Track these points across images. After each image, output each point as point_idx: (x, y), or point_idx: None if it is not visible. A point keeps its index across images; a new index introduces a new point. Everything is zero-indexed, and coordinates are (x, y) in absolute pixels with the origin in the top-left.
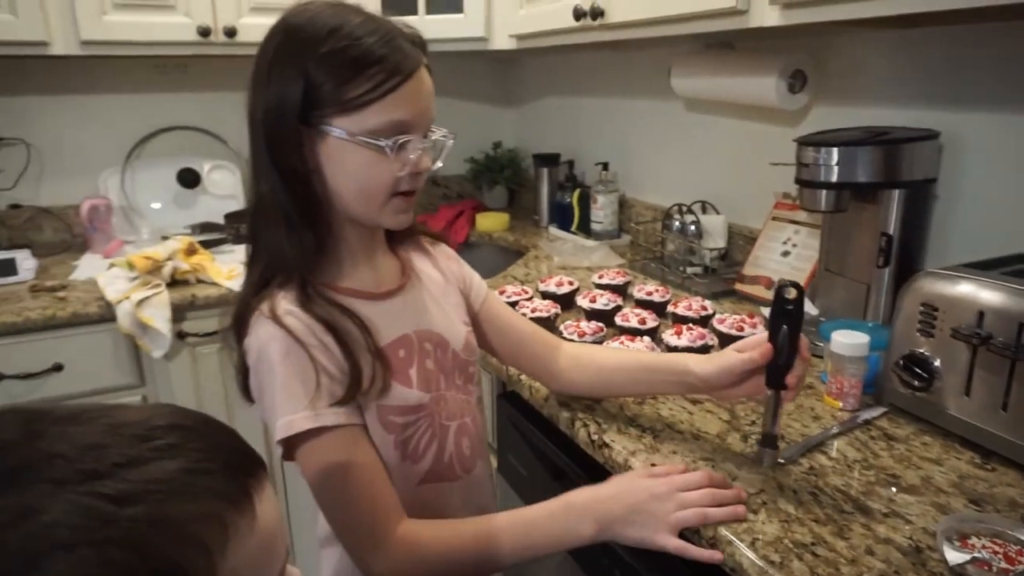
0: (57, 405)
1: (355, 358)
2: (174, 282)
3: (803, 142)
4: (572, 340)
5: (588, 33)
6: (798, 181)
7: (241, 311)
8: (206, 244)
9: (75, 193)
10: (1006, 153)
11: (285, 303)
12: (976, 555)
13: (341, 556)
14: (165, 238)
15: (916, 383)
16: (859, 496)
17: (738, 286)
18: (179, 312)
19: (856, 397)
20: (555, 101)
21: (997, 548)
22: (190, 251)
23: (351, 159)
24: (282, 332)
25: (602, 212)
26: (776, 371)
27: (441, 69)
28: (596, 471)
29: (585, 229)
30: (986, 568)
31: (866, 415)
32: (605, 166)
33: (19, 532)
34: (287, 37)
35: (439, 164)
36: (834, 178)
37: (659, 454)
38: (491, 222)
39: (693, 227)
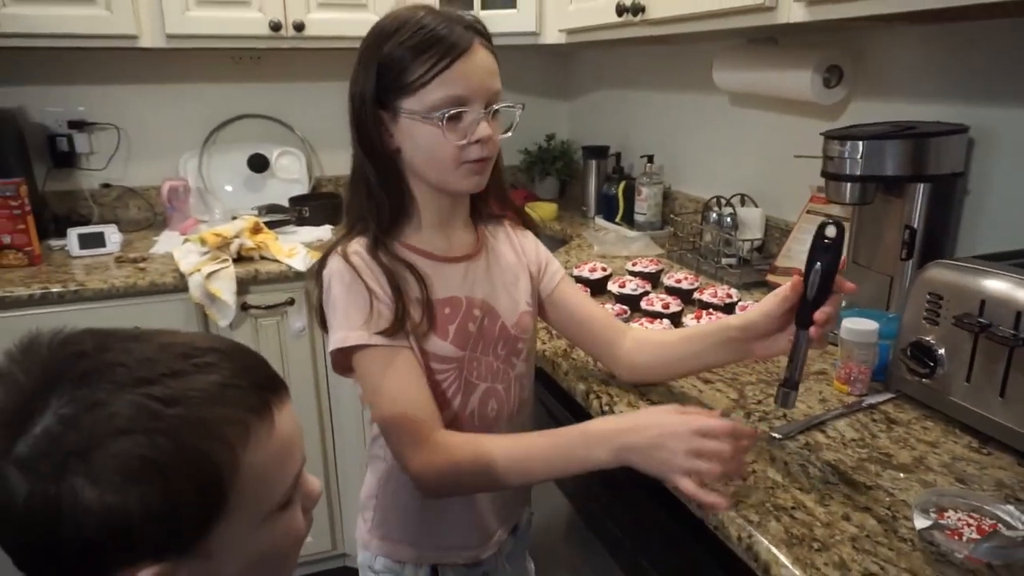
0: (123, 328)
1: (403, 301)
2: (240, 258)
3: (829, 136)
4: None
5: (631, 28)
6: (824, 174)
7: (325, 254)
8: (271, 224)
9: (158, 175)
10: None
11: (356, 246)
12: (943, 523)
13: (381, 471)
14: (234, 218)
15: (921, 370)
16: (848, 471)
17: (770, 277)
18: (243, 285)
19: (864, 382)
20: (606, 94)
21: (971, 521)
22: (256, 230)
23: (420, 134)
24: (347, 266)
25: (646, 204)
26: (804, 307)
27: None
28: None
29: (629, 220)
30: (955, 536)
31: (872, 400)
32: (650, 159)
33: (89, 417)
34: (370, 36)
35: (508, 133)
36: (858, 171)
37: None
38: (540, 211)
39: (729, 219)
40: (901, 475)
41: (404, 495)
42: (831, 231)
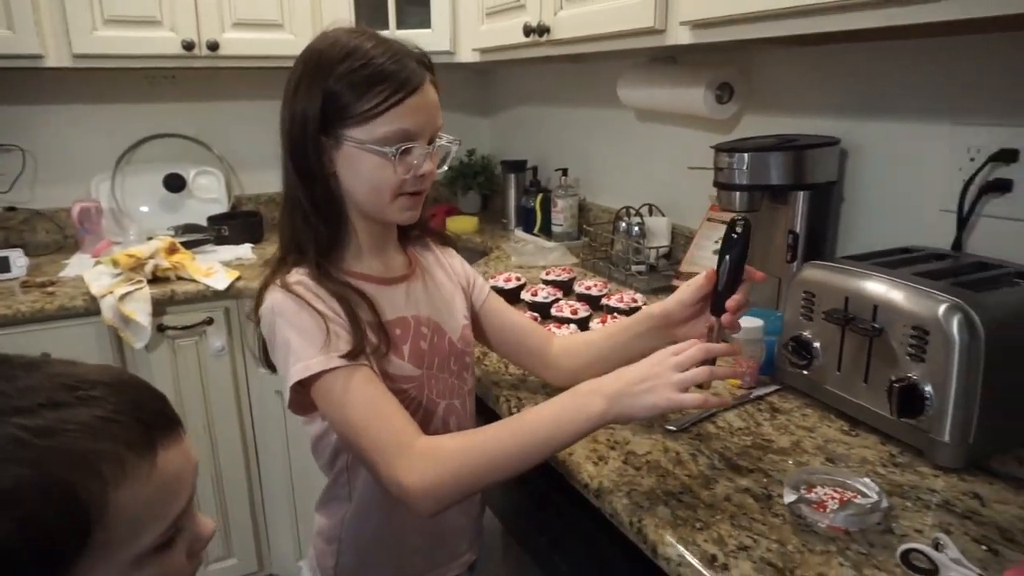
0: (22, 356)
1: (359, 322)
2: (155, 279)
3: (719, 148)
4: None
5: (538, 48)
6: (716, 184)
7: (261, 289)
8: (188, 244)
9: (68, 196)
10: (899, 157)
11: (296, 275)
12: (809, 497)
13: (331, 516)
14: (150, 239)
15: (800, 362)
16: (732, 457)
17: (675, 282)
18: (159, 306)
19: (753, 376)
20: (524, 110)
21: (835, 494)
22: (171, 250)
23: (363, 164)
24: (291, 296)
25: (562, 215)
26: (717, 297)
27: None
28: None
29: (547, 231)
30: (820, 509)
31: (760, 392)
32: (564, 172)
33: None
34: (311, 60)
35: (444, 167)
36: (746, 181)
37: None
38: (461, 225)
39: (638, 228)
40: (779, 459)
41: (375, 531)
42: (738, 227)
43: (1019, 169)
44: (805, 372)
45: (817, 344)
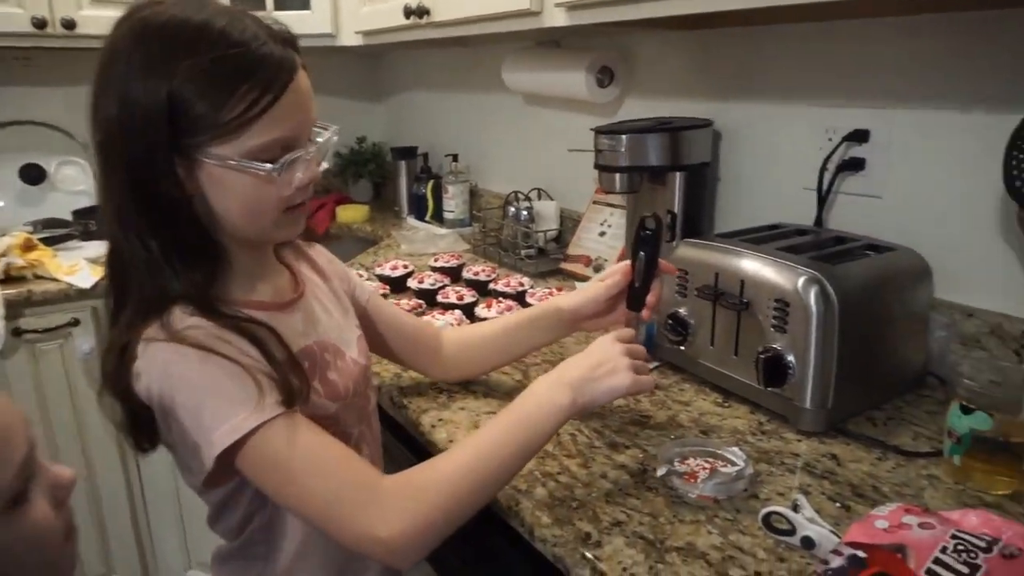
0: None
1: (277, 360)
2: (9, 278)
3: (598, 131)
4: None
5: (419, 31)
6: (597, 166)
7: (117, 356)
8: (51, 240)
9: None
10: (764, 139)
11: (183, 320)
12: (680, 468)
13: (261, 571)
14: (2, 235)
15: (677, 339)
16: (611, 435)
17: (563, 265)
18: (15, 309)
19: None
20: (413, 96)
21: (707, 464)
22: (27, 247)
23: (235, 184)
24: (186, 347)
25: (453, 202)
26: (634, 293)
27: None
28: (409, 437)
29: (439, 218)
30: (691, 480)
31: None
32: (455, 158)
33: None
34: (142, 43)
35: (325, 165)
36: (625, 163)
37: (448, 410)
38: (351, 214)
39: (527, 213)
40: (656, 434)
41: None
42: (650, 223)
43: (870, 148)
44: (682, 348)
45: (692, 320)
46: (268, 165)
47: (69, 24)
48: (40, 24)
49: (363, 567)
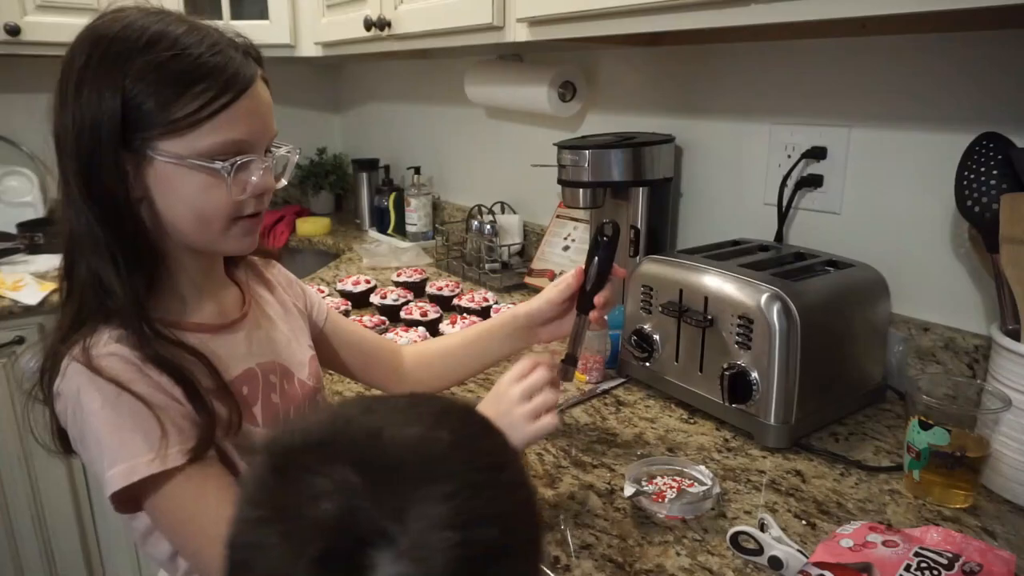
0: None
1: (203, 400)
2: None
3: (561, 146)
4: None
5: (381, 43)
6: (560, 181)
7: (49, 358)
8: None
9: None
10: (725, 155)
11: (107, 345)
12: (648, 488)
13: None
14: None
15: (642, 355)
16: (578, 454)
17: (527, 279)
18: None
19: (599, 371)
20: (375, 107)
21: (674, 483)
22: None
23: (184, 184)
24: (100, 379)
25: (416, 214)
26: (583, 296)
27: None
28: None
29: (401, 231)
30: (659, 499)
31: (606, 386)
32: (417, 170)
33: None
34: (97, 48)
35: (283, 182)
36: (588, 178)
37: None
38: (312, 227)
39: (490, 226)
40: (622, 452)
41: None
42: (608, 230)
43: (827, 165)
44: (647, 364)
45: (657, 336)
46: (218, 164)
47: (13, 30)
48: None
49: None
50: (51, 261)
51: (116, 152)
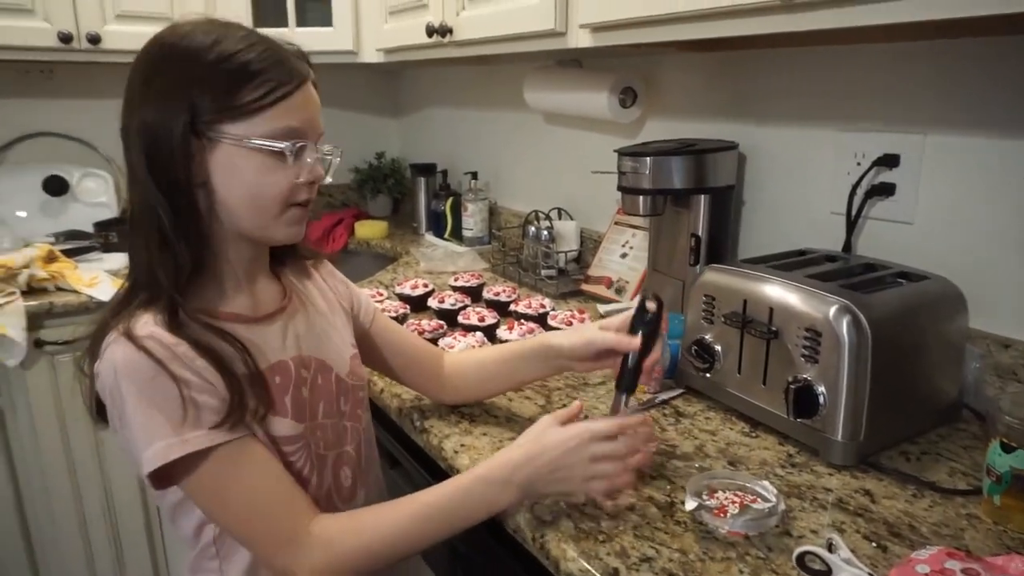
0: None
1: (235, 380)
2: (32, 290)
3: (622, 152)
4: None
5: (442, 49)
6: (620, 188)
7: (98, 331)
8: (72, 252)
9: None
10: (790, 163)
11: (148, 325)
12: (710, 503)
13: None
14: (27, 246)
15: (702, 365)
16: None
17: (584, 286)
18: (36, 320)
19: (658, 381)
20: (433, 112)
21: (736, 498)
22: (50, 258)
23: (245, 166)
24: (140, 355)
25: (472, 219)
26: (626, 373)
27: (324, 80)
28: (422, 455)
29: (457, 236)
30: (721, 514)
31: (664, 396)
32: (474, 175)
33: None
34: (164, 52)
35: (329, 179)
36: (649, 185)
37: (471, 435)
38: (370, 230)
39: (547, 232)
40: (682, 464)
41: None
42: (650, 306)
43: (900, 173)
44: (707, 375)
45: (718, 347)
46: (282, 143)
47: (94, 39)
48: (66, 39)
49: None
50: (124, 259)
51: (184, 135)
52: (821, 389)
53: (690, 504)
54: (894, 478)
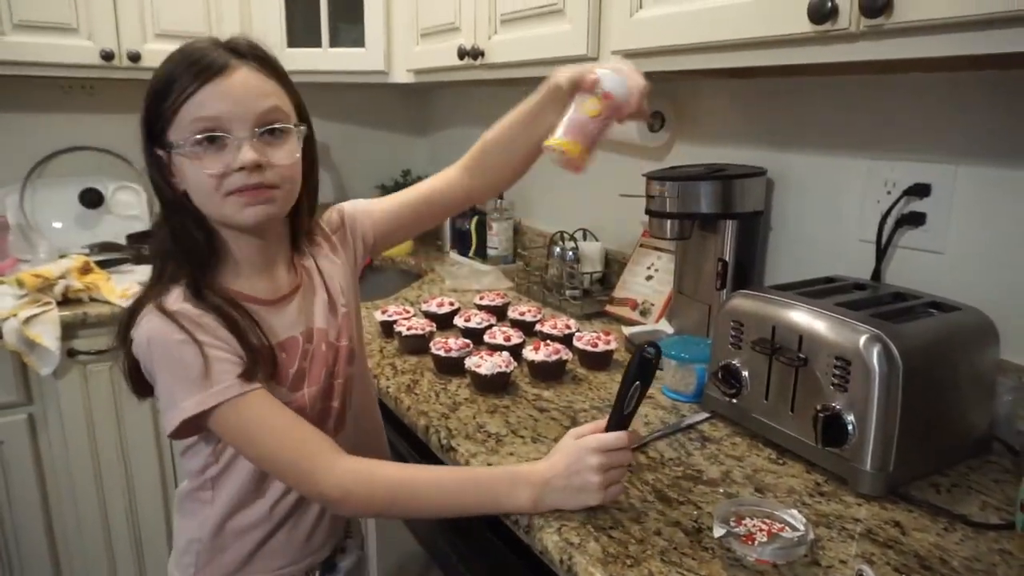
0: None
1: (249, 342)
2: (66, 300)
3: (650, 176)
4: (439, 355)
5: (473, 71)
6: (647, 211)
7: (133, 308)
8: (105, 264)
9: None
10: (818, 190)
11: (177, 301)
12: (737, 530)
13: (206, 517)
14: (63, 256)
15: (729, 391)
16: (663, 488)
17: (608, 308)
18: (70, 330)
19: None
20: (460, 131)
21: (764, 526)
22: (85, 270)
23: (186, 167)
24: (170, 323)
25: (497, 238)
26: (619, 417)
27: (348, 99)
28: None
29: (482, 254)
30: (749, 541)
31: (690, 420)
32: (500, 195)
33: None
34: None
35: (292, 158)
36: (676, 209)
37: (497, 455)
38: (395, 246)
39: (572, 253)
40: (709, 490)
41: (236, 538)
42: (649, 353)
43: (932, 203)
44: (734, 400)
45: (746, 373)
46: (184, 146)
47: (134, 57)
48: (108, 56)
49: (296, 521)
50: None
51: (152, 149)
52: (850, 418)
53: (718, 531)
54: (924, 510)
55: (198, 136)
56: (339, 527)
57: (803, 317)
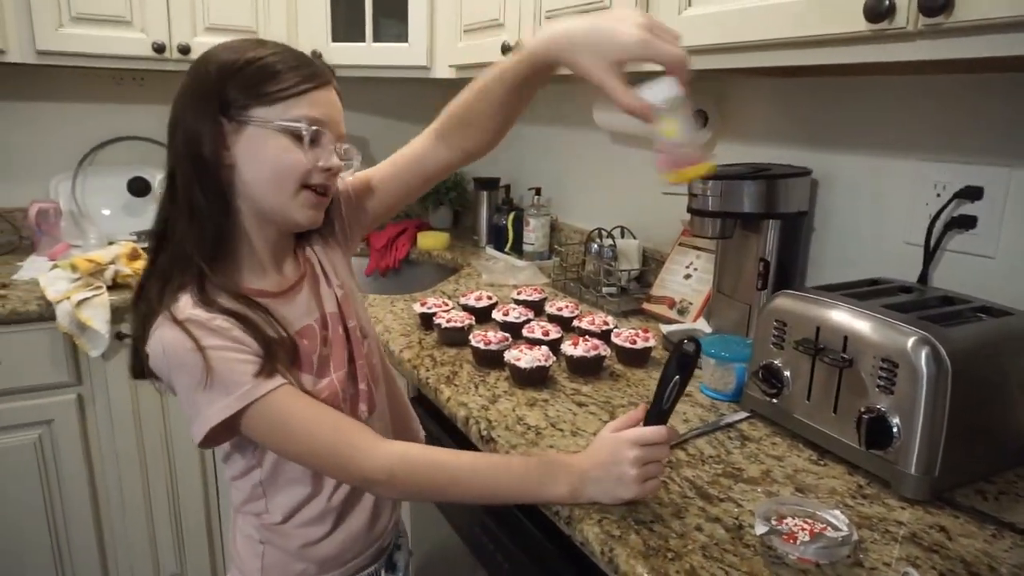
0: None
1: (266, 339)
2: (116, 285)
3: None
4: (478, 348)
5: None
6: (689, 210)
7: (145, 314)
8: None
9: (25, 196)
10: (865, 191)
11: (187, 308)
12: (780, 528)
13: (258, 528)
14: (111, 243)
15: (770, 390)
16: (703, 485)
17: (645, 305)
18: (119, 314)
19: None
20: None
21: (806, 526)
22: (133, 256)
23: (268, 146)
24: (182, 335)
25: (534, 234)
26: (658, 412)
27: (390, 94)
28: None
29: (518, 250)
30: (790, 540)
31: (730, 419)
32: (538, 191)
33: None
34: (207, 57)
35: (347, 176)
36: (718, 208)
37: (537, 447)
38: (431, 240)
39: (610, 250)
40: (749, 488)
41: (290, 542)
42: (689, 347)
43: (983, 206)
44: (775, 400)
45: (787, 373)
46: (300, 124)
47: (184, 49)
48: (159, 49)
49: (349, 524)
50: None
51: (215, 117)
52: (896, 421)
53: (760, 528)
54: (971, 516)
55: (314, 127)
56: (396, 512)
57: (849, 318)
